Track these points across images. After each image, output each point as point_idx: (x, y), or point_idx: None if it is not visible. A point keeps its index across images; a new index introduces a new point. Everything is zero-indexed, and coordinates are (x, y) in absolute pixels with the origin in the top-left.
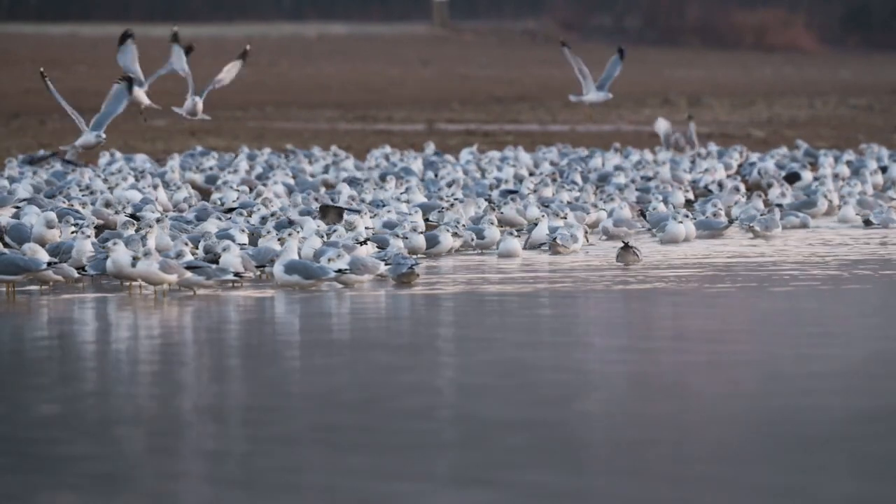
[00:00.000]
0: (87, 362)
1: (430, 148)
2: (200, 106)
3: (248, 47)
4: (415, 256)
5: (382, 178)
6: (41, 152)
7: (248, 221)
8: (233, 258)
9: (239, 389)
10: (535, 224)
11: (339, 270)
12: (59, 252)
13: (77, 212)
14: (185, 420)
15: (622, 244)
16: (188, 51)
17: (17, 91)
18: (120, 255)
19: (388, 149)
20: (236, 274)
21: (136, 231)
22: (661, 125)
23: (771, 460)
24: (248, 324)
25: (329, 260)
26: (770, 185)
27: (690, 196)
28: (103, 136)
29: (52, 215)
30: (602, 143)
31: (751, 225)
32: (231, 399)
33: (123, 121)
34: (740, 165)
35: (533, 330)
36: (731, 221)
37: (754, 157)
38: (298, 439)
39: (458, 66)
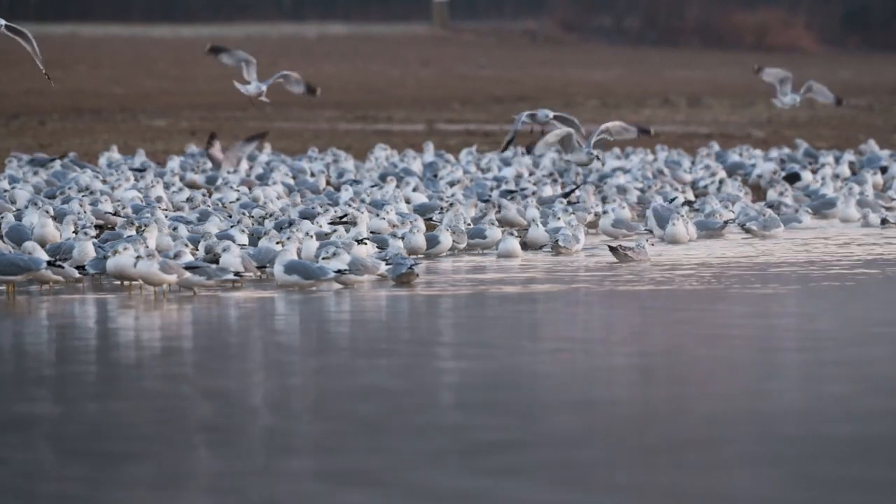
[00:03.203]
0: (87, 362)
1: (430, 149)
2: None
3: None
4: (414, 256)
5: (382, 178)
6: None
7: (249, 219)
8: (233, 258)
9: (238, 389)
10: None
11: (339, 271)
12: (59, 252)
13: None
14: (184, 420)
15: (609, 246)
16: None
17: (17, 91)
18: (124, 255)
19: (387, 150)
20: (236, 274)
21: (137, 231)
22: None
23: (769, 461)
24: (248, 324)
25: (323, 259)
26: (770, 186)
27: (690, 196)
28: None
29: (51, 210)
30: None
31: (749, 225)
32: (230, 399)
33: (123, 121)
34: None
35: (532, 331)
36: (726, 222)
37: (753, 157)
38: (298, 439)
39: (458, 66)
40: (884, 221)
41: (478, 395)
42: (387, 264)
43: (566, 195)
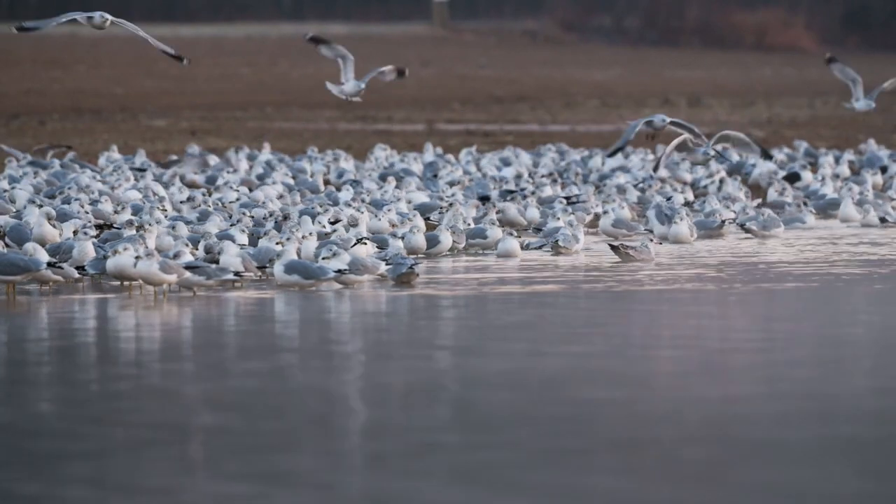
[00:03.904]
0: (87, 362)
1: (429, 151)
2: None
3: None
4: (414, 256)
5: (382, 178)
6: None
7: (250, 219)
8: (231, 258)
9: (238, 389)
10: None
11: (339, 270)
12: (59, 252)
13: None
14: (184, 420)
15: (610, 245)
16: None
17: (17, 91)
18: (124, 255)
19: (387, 150)
20: (236, 273)
21: (138, 231)
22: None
23: (769, 462)
24: (248, 324)
25: (323, 259)
26: (770, 185)
27: (690, 196)
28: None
29: (51, 210)
30: (602, 143)
31: (749, 225)
32: (230, 399)
33: (123, 121)
34: (742, 165)
35: (531, 332)
36: (724, 221)
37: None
38: (298, 439)
39: (458, 66)
40: (882, 220)
41: (475, 395)
42: (387, 264)
43: (570, 202)
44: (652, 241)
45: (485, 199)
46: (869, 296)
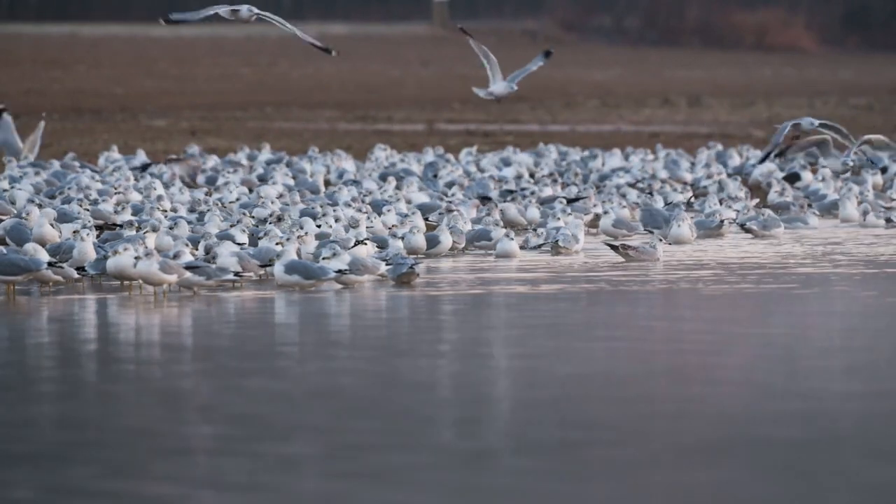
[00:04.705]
0: (87, 362)
1: (429, 153)
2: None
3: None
4: (414, 257)
5: (383, 178)
6: None
7: (250, 219)
8: (229, 258)
9: (237, 389)
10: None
11: (340, 270)
12: (60, 252)
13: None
14: (184, 421)
15: (610, 245)
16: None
17: (17, 91)
18: (124, 255)
19: (387, 150)
20: (237, 273)
21: (138, 231)
22: None
23: (766, 460)
24: (248, 324)
25: (323, 259)
26: (770, 186)
27: (690, 196)
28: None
29: (53, 212)
30: (602, 143)
31: (749, 225)
32: (230, 399)
33: (123, 121)
34: (741, 165)
35: (530, 331)
36: (723, 221)
37: (753, 157)
38: (298, 439)
39: (458, 66)
40: (888, 221)
41: (474, 395)
42: (387, 264)
43: (570, 202)
44: (660, 240)
45: (485, 199)
46: (867, 296)
